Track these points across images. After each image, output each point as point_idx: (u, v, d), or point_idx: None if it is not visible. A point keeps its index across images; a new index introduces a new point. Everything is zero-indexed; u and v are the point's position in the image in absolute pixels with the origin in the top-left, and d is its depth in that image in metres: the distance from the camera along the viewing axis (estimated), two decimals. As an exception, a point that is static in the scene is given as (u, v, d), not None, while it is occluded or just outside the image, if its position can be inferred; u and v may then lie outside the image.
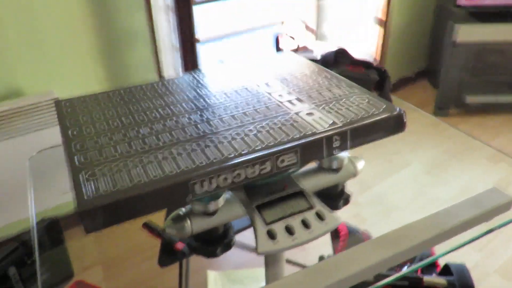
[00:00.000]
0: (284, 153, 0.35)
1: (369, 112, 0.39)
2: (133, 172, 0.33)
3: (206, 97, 0.44)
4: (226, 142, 0.36)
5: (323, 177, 0.45)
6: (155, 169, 0.33)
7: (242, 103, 0.42)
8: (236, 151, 0.34)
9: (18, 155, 1.14)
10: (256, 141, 0.36)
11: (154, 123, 0.39)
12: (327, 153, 0.37)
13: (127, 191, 0.31)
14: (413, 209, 1.54)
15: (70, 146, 0.37)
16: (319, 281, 0.31)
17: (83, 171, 0.33)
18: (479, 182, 1.71)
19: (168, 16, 1.46)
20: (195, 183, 0.32)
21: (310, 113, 0.39)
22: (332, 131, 0.36)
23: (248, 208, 0.37)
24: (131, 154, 0.35)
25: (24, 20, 1.17)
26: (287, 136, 0.36)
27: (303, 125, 0.37)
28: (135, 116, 0.41)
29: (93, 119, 0.41)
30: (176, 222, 0.39)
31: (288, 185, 0.38)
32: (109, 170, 0.33)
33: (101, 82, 1.39)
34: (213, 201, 0.36)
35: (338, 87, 0.44)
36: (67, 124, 0.40)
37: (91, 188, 0.31)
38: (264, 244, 0.34)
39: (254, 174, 0.34)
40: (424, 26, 2.40)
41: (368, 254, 0.33)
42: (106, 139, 0.37)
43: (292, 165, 0.36)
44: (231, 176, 0.33)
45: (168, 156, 0.34)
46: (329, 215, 0.36)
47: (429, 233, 0.35)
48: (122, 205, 0.30)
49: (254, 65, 0.51)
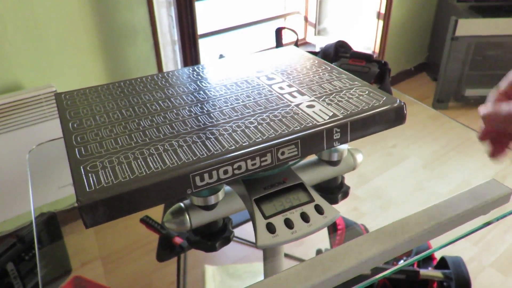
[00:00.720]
0: (284, 145, 0.34)
1: (370, 104, 0.39)
2: (134, 164, 0.32)
3: (207, 90, 0.44)
4: (226, 134, 0.35)
5: (322, 170, 0.45)
6: (156, 161, 0.33)
7: (243, 96, 0.42)
8: (237, 143, 0.34)
9: (16, 148, 1.14)
10: (257, 133, 0.35)
11: (154, 115, 0.39)
12: (327, 145, 0.37)
13: (128, 184, 0.30)
14: (411, 203, 1.55)
15: (71, 139, 0.36)
16: (317, 274, 0.31)
17: (84, 164, 0.33)
18: (478, 175, 1.72)
19: (170, 11, 1.45)
20: (196, 176, 0.32)
21: (311, 105, 0.39)
22: (333, 123, 0.36)
23: (247, 202, 0.37)
24: (132, 146, 0.35)
25: (23, 14, 1.16)
26: (287, 128, 0.36)
27: (303, 117, 0.37)
28: (136, 109, 0.41)
29: (93, 112, 0.41)
30: (175, 216, 0.39)
31: (288, 178, 0.38)
32: (110, 163, 0.33)
33: (101, 76, 1.39)
34: (212, 195, 0.36)
35: (338, 80, 0.44)
36: (67, 116, 0.40)
37: (92, 181, 0.31)
38: (264, 238, 0.34)
39: (255, 166, 0.34)
40: (424, 20, 2.39)
41: (365, 247, 0.33)
42: (106, 132, 0.37)
43: (292, 157, 0.35)
44: (231, 169, 0.33)
45: (169, 148, 0.34)
46: (328, 208, 0.36)
47: (426, 226, 0.35)
48: (123, 198, 0.30)
49: (255, 58, 0.51)
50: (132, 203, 0.31)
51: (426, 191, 1.62)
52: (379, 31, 2.05)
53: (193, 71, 0.49)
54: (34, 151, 0.68)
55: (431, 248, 0.98)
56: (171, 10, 1.45)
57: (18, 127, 1.13)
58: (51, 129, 1.18)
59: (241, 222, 0.97)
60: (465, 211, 0.36)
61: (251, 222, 0.36)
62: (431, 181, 1.69)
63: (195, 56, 1.53)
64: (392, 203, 1.58)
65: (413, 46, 2.42)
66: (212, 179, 0.33)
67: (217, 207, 0.38)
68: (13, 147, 1.13)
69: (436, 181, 1.69)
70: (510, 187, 0.39)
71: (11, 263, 1.02)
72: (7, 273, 1.02)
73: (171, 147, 0.34)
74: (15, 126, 1.13)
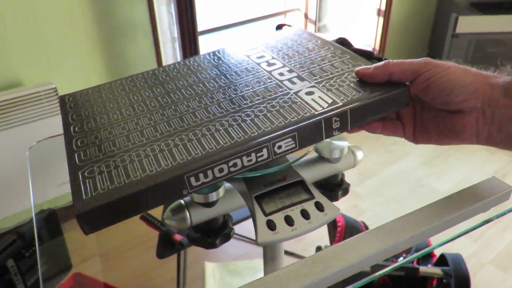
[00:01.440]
0: (281, 138, 0.33)
1: (373, 87, 0.37)
2: (130, 167, 0.32)
3: (206, 81, 0.43)
4: (222, 130, 0.35)
5: (322, 167, 0.45)
6: (151, 163, 0.32)
7: (241, 85, 0.41)
8: (232, 139, 0.33)
9: (16, 145, 1.14)
10: (253, 127, 0.34)
11: (153, 113, 0.39)
12: (326, 135, 0.35)
13: (123, 189, 0.30)
14: (411, 200, 1.55)
15: (71, 143, 0.36)
16: (317, 271, 0.31)
17: (82, 170, 0.33)
18: (478, 172, 1.72)
19: (169, 8, 1.45)
20: (191, 176, 0.31)
21: (310, 92, 0.38)
22: (332, 111, 0.34)
23: (247, 199, 0.37)
24: (129, 148, 0.34)
25: (23, 11, 1.15)
26: (284, 119, 0.34)
27: (301, 106, 0.36)
28: (135, 107, 0.40)
29: (94, 113, 0.40)
30: (175, 213, 0.39)
31: (288, 175, 0.38)
32: (107, 167, 0.32)
33: (100, 73, 1.38)
34: (212, 192, 0.36)
35: (341, 61, 0.42)
36: (70, 120, 0.39)
37: (89, 187, 0.31)
38: (264, 235, 0.34)
39: (251, 162, 0.33)
40: (425, 17, 2.39)
41: (365, 245, 0.33)
42: (105, 134, 0.37)
43: (290, 150, 0.35)
44: (227, 167, 0.32)
45: (164, 149, 0.33)
46: (328, 205, 0.36)
47: (426, 223, 0.35)
48: (119, 204, 0.30)
49: (255, 43, 0.50)
50: (128, 208, 0.30)
51: (426, 188, 1.63)
52: (380, 28, 2.05)
53: (193, 61, 0.48)
54: (34, 148, 0.68)
55: (430, 245, 0.99)
56: (171, 7, 1.45)
57: (18, 124, 1.13)
58: (51, 126, 1.18)
59: (241, 219, 0.97)
60: (465, 209, 0.36)
61: (251, 219, 0.36)
62: (431, 178, 1.69)
63: (195, 53, 1.52)
64: (392, 200, 1.58)
65: (414, 43, 2.41)
66: (208, 178, 0.32)
67: (217, 204, 0.38)
68: (13, 144, 1.13)
69: (436, 178, 1.69)
70: (510, 185, 0.38)
71: (11, 259, 1.02)
72: (8, 270, 1.02)
73: (167, 147, 0.34)
74: (15, 123, 1.13)
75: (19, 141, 1.14)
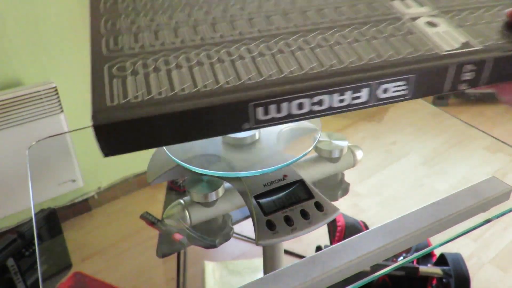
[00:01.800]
0: (390, 78, 0.24)
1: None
2: (175, 75, 0.23)
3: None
4: (307, 49, 0.25)
5: (322, 167, 0.45)
6: (205, 76, 0.23)
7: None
8: (321, 66, 0.24)
9: (16, 145, 1.14)
10: (352, 54, 0.25)
11: (211, 7, 0.28)
12: (450, 87, 0.25)
13: (164, 104, 0.22)
14: (411, 200, 1.55)
15: (98, 25, 0.27)
16: (317, 271, 0.31)
17: (110, 62, 0.25)
18: (478, 172, 1.72)
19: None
20: (259, 106, 0.23)
21: (432, 23, 0.27)
22: (467, 55, 0.25)
23: (247, 199, 0.37)
24: (176, 47, 0.25)
25: (23, 10, 1.15)
26: (396, 53, 0.25)
27: (420, 40, 0.26)
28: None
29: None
30: (175, 212, 0.39)
31: (288, 174, 0.38)
32: (144, 67, 0.24)
33: (98, 72, 1.38)
34: (212, 192, 0.36)
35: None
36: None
37: (116, 90, 0.23)
38: (264, 235, 0.34)
39: (342, 104, 0.24)
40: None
41: (365, 244, 0.33)
42: (146, 20, 0.27)
43: (399, 97, 0.25)
44: (309, 102, 0.23)
45: (225, 59, 0.24)
46: (328, 205, 0.36)
47: (426, 223, 0.35)
48: (154, 123, 0.22)
49: None
50: (164, 132, 0.22)
51: (426, 188, 1.63)
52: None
53: None
54: (34, 147, 0.68)
55: (430, 245, 0.99)
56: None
57: (18, 123, 1.13)
58: (51, 126, 1.18)
59: (241, 218, 0.97)
60: (465, 209, 0.36)
61: (251, 219, 0.36)
62: (431, 178, 1.69)
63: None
64: (392, 200, 1.58)
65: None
66: (280, 114, 0.23)
67: (217, 204, 0.38)
68: (12, 143, 1.13)
69: (436, 178, 1.69)
70: (510, 185, 0.39)
71: (11, 259, 1.02)
72: (8, 269, 1.03)
73: (229, 56, 0.25)
74: (15, 122, 1.13)
75: (19, 140, 1.14)
